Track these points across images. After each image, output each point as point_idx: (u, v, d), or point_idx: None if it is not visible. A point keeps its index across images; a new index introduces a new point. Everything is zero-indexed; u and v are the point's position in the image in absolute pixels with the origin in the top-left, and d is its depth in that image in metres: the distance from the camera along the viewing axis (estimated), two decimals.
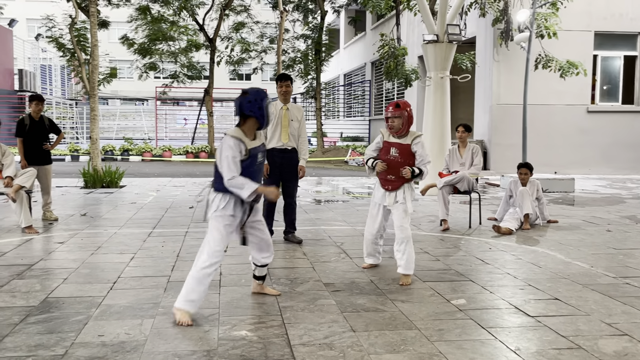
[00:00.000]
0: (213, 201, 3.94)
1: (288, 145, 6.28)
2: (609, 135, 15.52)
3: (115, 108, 42.91)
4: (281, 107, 6.31)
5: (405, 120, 4.92)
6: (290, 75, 6.53)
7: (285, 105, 6.31)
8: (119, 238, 6.60)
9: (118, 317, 3.85)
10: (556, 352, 3.31)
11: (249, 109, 3.88)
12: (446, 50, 10.97)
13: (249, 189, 3.79)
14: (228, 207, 3.91)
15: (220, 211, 3.90)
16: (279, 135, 6.25)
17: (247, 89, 4.00)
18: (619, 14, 15.45)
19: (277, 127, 6.25)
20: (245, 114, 3.91)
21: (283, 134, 6.24)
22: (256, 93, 3.93)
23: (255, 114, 3.89)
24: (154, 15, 21.75)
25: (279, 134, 6.25)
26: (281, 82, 6.27)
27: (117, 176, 11.99)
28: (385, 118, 5.03)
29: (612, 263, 5.53)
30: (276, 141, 6.25)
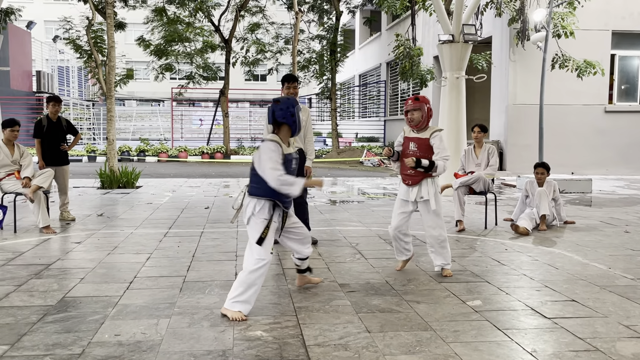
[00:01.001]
0: (248, 205, 4.04)
1: (295, 146, 6.25)
2: (627, 135, 15.34)
3: (131, 109, 43.27)
4: None
5: (425, 114, 4.95)
6: (297, 76, 6.51)
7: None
8: (135, 238, 6.66)
9: (134, 317, 3.88)
10: (573, 354, 3.28)
11: (281, 117, 4.03)
12: (462, 51, 10.92)
13: (298, 184, 3.92)
14: (263, 211, 4.01)
15: (257, 215, 4.00)
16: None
17: (278, 98, 4.17)
18: (637, 13, 15.26)
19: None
20: (278, 121, 4.06)
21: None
22: (287, 101, 4.08)
23: (288, 120, 4.04)
24: (170, 17, 21.89)
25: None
26: (289, 84, 6.22)
27: (134, 177, 12.07)
28: (404, 112, 5.06)
29: (630, 264, 5.46)
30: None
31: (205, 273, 5.05)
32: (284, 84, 6.28)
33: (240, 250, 5.99)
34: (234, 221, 4.18)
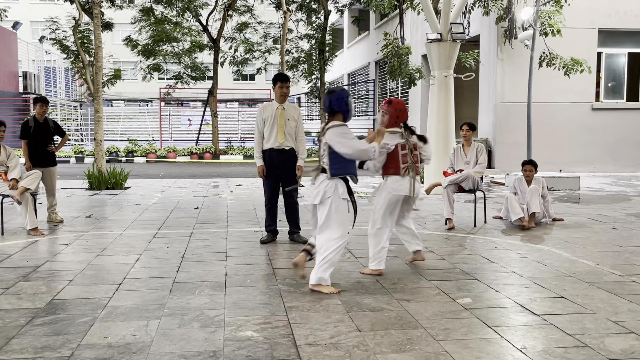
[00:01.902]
0: (328, 186, 4.47)
1: (285, 145, 6.27)
2: (614, 132, 15.46)
3: (119, 109, 43.01)
4: (277, 107, 6.30)
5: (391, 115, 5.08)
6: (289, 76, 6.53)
7: (282, 105, 6.29)
8: (124, 239, 6.62)
9: (124, 319, 3.85)
10: (562, 350, 3.30)
11: (337, 106, 4.55)
12: (450, 49, 10.95)
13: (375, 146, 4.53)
14: (344, 192, 4.50)
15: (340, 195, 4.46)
16: (275, 136, 6.24)
17: (333, 88, 4.69)
18: (623, 11, 15.39)
19: (273, 128, 6.25)
20: (334, 110, 4.57)
21: (279, 134, 6.23)
22: (342, 91, 4.61)
23: (342, 109, 4.56)
24: (158, 17, 21.78)
25: (275, 134, 6.24)
26: (282, 83, 6.24)
27: (122, 177, 12.01)
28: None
29: (618, 261, 5.51)
30: (273, 141, 6.25)
31: (195, 274, 5.04)
32: (276, 83, 6.27)
33: (230, 251, 5.98)
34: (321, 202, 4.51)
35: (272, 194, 6.43)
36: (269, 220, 6.48)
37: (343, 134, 4.47)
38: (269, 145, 6.26)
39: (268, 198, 6.44)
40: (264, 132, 6.29)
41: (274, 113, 6.27)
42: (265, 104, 6.50)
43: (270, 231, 6.48)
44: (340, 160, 4.47)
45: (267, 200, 6.46)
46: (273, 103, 6.36)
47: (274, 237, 6.48)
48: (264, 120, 6.29)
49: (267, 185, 6.42)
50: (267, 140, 6.28)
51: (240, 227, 7.40)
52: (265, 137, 6.29)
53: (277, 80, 6.28)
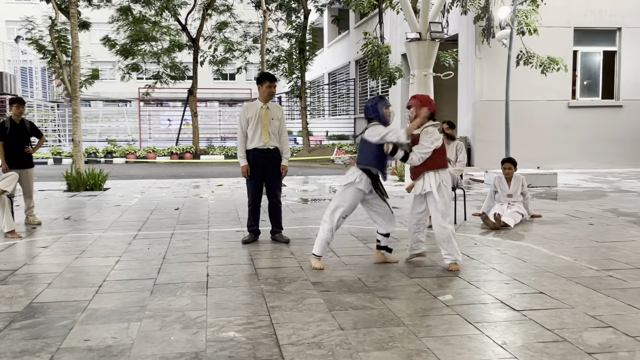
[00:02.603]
0: (353, 174, 5.09)
1: (270, 145, 6.23)
2: (590, 130, 15.70)
3: (97, 110, 42.54)
4: (261, 106, 6.24)
5: (416, 107, 5.09)
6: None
7: (265, 104, 6.26)
8: (104, 241, 6.56)
9: (104, 321, 3.82)
10: (542, 345, 3.34)
11: (369, 113, 5.23)
12: (429, 48, 11.02)
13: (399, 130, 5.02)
14: (361, 183, 5.05)
15: (357, 184, 5.04)
16: (259, 135, 6.20)
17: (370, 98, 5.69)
18: (598, 10, 15.63)
19: (257, 127, 6.19)
20: (369, 118, 5.23)
21: (264, 133, 6.19)
22: (372, 99, 5.29)
23: (374, 115, 5.19)
24: (136, 16, 21.58)
25: (259, 133, 6.19)
26: (271, 82, 6.21)
27: (101, 179, 11.89)
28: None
29: (595, 256, 5.60)
30: (257, 141, 6.20)
31: (177, 275, 5.01)
32: (264, 82, 6.21)
33: (212, 251, 5.96)
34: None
35: (256, 194, 6.39)
36: (251, 220, 6.45)
37: (376, 128, 5.06)
38: (253, 145, 6.21)
39: (252, 198, 6.40)
40: (248, 132, 6.23)
41: (258, 112, 6.21)
42: (248, 103, 6.46)
43: (252, 231, 6.46)
44: (365, 153, 5.10)
45: (250, 200, 6.42)
46: (257, 102, 6.31)
47: (256, 237, 6.46)
48: (247, 120, 6.22)
49: (251, 185, 6.37)
50: (251, 140, 6.22)
51: (222, 228, 7.37)
52: (249, 137, 6.23)
53: (265, 80, 6.23)
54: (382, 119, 5.13)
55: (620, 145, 15.75)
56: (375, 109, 5.16)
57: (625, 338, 3.43)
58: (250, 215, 6.44)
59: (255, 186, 6.35)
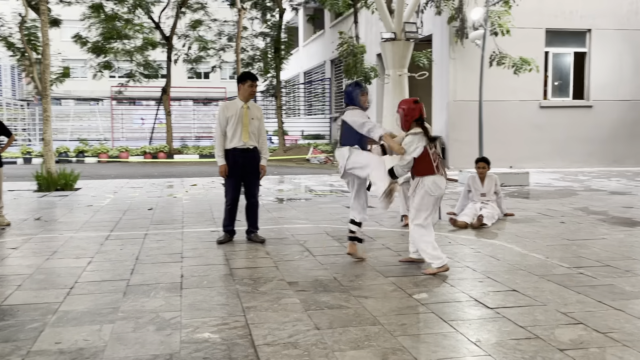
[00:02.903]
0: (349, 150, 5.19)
1: (249, 144, 6.20)
2: (561, 129, 15.96)
3: (68, 108, 41.80)
4: (241, 105, 6.19)
5: (401, 117, 5.14)
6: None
7: (246, 104, 6.22)
8: (75, 242, 6.45)
9: (76, 324, 3.76)
10: (515, 342, 3.39)
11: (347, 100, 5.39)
12: (404, 48, 11.08)
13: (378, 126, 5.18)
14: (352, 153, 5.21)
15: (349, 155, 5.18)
16: (239, 135, 6.15)
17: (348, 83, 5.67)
18: (569, 12, 15.90)
19: (237, 127, 6.14)
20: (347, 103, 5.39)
21: (244, 133, 6.15)
22: (348, 86, 5.46)
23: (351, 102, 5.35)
24: (108, 13, 21.28)
25: (239, 133, 6.15)
26: (253, 82, 6.17)
27: (72, 178, 11.70)
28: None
29: (566, 254, 5.70)
30: (237, 141, 6.15)
31: (150, 276, 4.95)
32: (245, 81, 6.16)
33: (186, 252, 5.90)
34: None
35: (235, 193, 6.32)
36: (227, 220, 6.40)
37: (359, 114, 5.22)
38: (232, 144, 6.13)
39: (231, 198, 6.32)
40: (227, 131, 6.15)
41: (239, 111, 6.14)
42: (228, 102, 6.39)
43: (228, 231, 6.41)
44: (351, 133, 5.18)
45: (229, 200, 6.34)
46: (237, 101, 6.24)
47: (231, 237, 6.42)
48: (227, 119, 6.13)
49: (230, 185, 6.30)
50: (231, 139, 6.14)
51: (196, 228, 7.31)
52: (229, 136, 6.15)
53: (247, 79, 6.17)
54: (359, 105, 5.31)
55: (590, 144, 16.05)
56: (351, 97, 5.35)
57: (596, 334, 3.50)
58: (228, 215, 6.39)
59: (235, 186, 6.29)
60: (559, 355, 3.19)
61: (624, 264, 5.25)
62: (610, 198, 9.86)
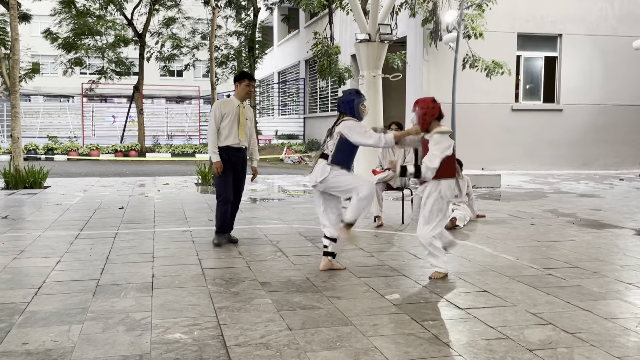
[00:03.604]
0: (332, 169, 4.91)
1: (243, 144, 6.08)
2: (532, 132, 16.21)
3: (38, 105, 41.03)
4: (237, 104, 6.05)
5: (419, 116, 4.86)
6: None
7: (242, 103, 6.10)
8: (44, 241, 6.32)
9: (44, 324, 3.68)
10: (485, 342, 3.43)
11: (343, 108, 5.06)
12: (378, 50, 11.14)
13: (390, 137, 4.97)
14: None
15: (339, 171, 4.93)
16: (235, 133, 5.99)
17: (344, 90, 5.29)
18: (540, 17, 16.16)
19: (233, 125, 5.98)
20: (341, 112, 5.07)
21: (240, 132, 6.00)
22: (348, 94, 5.11)
23: (347, 111, 5.04)
24: (79, 9, 20.94)
25: (235, 131, 5.99)
26: (250, 82, 6.08)
27: (41, 176, 11.49)
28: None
29: (536, 255, 5.79)
30: (232, 139, 5.99)
31: (120, 276, 4.88)
32: (242, 80, 6.05)
33: (157, 251, 5.83)
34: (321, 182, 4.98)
35: (230, 191, 6.11)
36: (222, 220, 6.13)
37: (359, 126, 4.93)
38: (227, 142, 5.99)
39: (226, 196, 6.10)
40: (221, 129, 5.97)
41: (235, 110, 6.01)
42: (223, 99, 6.24)
43: (224, 232, 6.20)
44: (345, 152, 4.95)
45: (224, 199, 6.11)
46: (232, 100, 6.11)
47: (228, 237, 6.24)
48: (222, 115, 5.97)
49: (224, 183, 6.08)
50: (226, 137, 5.98)
51: (168, 227, 7.23)
52: (224, 134, 5.98)
53: (244, 78, 6.05)
54: (357, 115, 5.00)
55: (560, 147, 16.34)
56: (350, 105, 5.02)
57: (564, 334, 3.56)
58: (222, 214, 6.14)
59: (229, 183, 6.10)
60: (528, 355, 3.24)
61: (591, 265, 5.35)
62: (579, 200, 10.05)
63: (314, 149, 22.89)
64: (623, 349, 3.32)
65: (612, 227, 7.35)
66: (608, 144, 16.59)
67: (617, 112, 16.65)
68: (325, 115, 22.92)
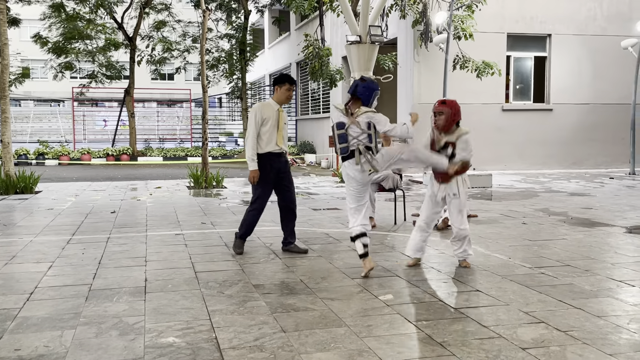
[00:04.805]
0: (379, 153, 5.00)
1: (282, 149, 5.84)
2: (523, 132, 16.29)
3: (28, 110, 40.81)
4: (277, 108, 5.78)
5: (449, 117, 5.18)
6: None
7: (281, 107, 5.83)
8: (36, 246, 6.29)
9: (36, 330, 3.67)
10: (479, 342, 3.44)
11: (361, 93, 4.97)
12: (369, 51, 11.16)
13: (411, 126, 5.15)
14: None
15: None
16: (276, 139, 5.73)
17: (366, 77, 5.20)
18: (529, 17, 16.25)
19: (274, 130, 5.72)
20: (357, 96, 4.96)
21: (279, 137, 5.75)
22: (373, 83, 5.03)
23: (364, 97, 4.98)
24: (69, 13, 20.85)
25: (275, 137, 5.73)
26: (290, 85, 5.76)
27: (32, 181, 11.42)
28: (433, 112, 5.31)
29: (528, 254, 5.82)
30: (273, 145, 5.73)
31: (113, 280, 4.86)
32: (283, 84, 5.74)
33: (150, 255, 5.81)
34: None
35: (266, 200, 5.89)
36: (248, 228, 5.92)
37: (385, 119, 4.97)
38: (268, 149, 5.71)
39: (260, 204, 5.86)
40: (262, 134, 5.69)
41: (275, 115, 5.74)
42: (262, 103, 5.92)
43: (244, 239, 5.97)
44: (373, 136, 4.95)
45: (258, 207, 5.86)
46: (271, 103, 5.81)
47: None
48: (263, 120, 5.69)
49: (262, 191, 5.82)
50: (267, 143, 5.71)
51: (161, 231, 7.21)
52: (264, 140, 5.70)
53: (285, 81, 5.75)
54: (371, 105, 5.02)
55: (550, 147, 16.43)
56: (370, 94, 5.00)
57: (557, 333, 3.58)
58: (251, 222, 5.91)
59: (268, 192, 5.87)
60: (521, 354, 3.26)
61: (583, 263, 5.39)
62: (569, 199, 10.11)
63: (306, 150, 22.88)
64: (615, 347, 3.35)
65: (603, 226, 7.40)
66: (598, 143, 16.70)
67: (607, 111, 16.76)
68: (317, 117, 22.93)
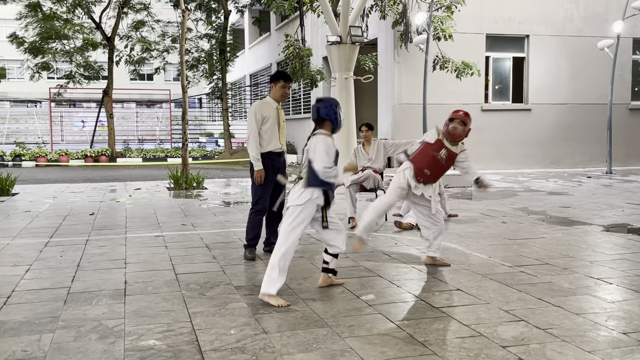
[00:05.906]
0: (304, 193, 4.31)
1: (283, 148, 5.73)
2: (502, 132, 16.45)
3: (5, 110, 40.20)
4: (275, 106, 5.62)
5: (467, 130, 5.45)
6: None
7: (279, 104, 5.68)
8: (12, 249, 6.19)
9: (13, 334, 3.60)
10: (460, 340, 3.46)
11: (325, 113, 4.43)
12: (349, 52, 11.19)
13: (340, 174, 4.48)
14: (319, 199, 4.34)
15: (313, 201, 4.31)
16: (277, 138, 5.60)
17: (322, 98, 4.61)
18: (507, 18, 16.42)
19: (274, 129, 5.58)
20: (321, 117, 4.45)
21: (281, 136, 5.63)
22: (331, 99, 4.53)
23: (330, 117, 4.44)
24: (46, 13, 20.58)
25: (277, 136, 5.60)
26: (285, 82, 5.56)
27: (9, 183, 11.24)
28: (449, 118, 5.33)
29: (508, 253, 5.87)
30: (274, 144, 5.60)
31: (92, 283, 4.80)
32: (278, 81, 5.54)
33: (130, 257, 5.76)
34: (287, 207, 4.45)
35: (267, 201, 5.69)
36: (255, 232, 5.72)
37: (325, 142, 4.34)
38: (269, 148, 5.58)
39: (263, 205, 5.67)
40: (263, 133, 5.54)
41: (274, 113, 5.60)
42: (261, 101, 5.73)
43: (253, 245, 5.77)
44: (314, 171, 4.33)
45: (261, 208, 5.69)
46: (269, 101, 5.64)
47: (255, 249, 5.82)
48: (263, 118, 5.53)
49: (264, 191, 5.65)
50: (268, 142, 5.57)
51: (140, 233, 7.15)
52: (265, 139, 5.56)
53: (280, 79, 5.55)
54: (337, 122, 4.46)
55: (529, 146, 16.61)
56: (331, 110, 4.41)
57: (537, 331, 3.61)
58: (255, 225, 5.72)
59: (268, 193, 5.69)
60: (502, 352, 3.28)
61: (562, 262, 5.45)
62: (548, 198, 10.23)
63: (287, 151, 22.82)
64: (594, 344, 3.39)
65: (581, 224, 7.50)
66: (575, 143, 16.93)
67: (584, 110, 17.00)
68: (298, 118, 22.91)
